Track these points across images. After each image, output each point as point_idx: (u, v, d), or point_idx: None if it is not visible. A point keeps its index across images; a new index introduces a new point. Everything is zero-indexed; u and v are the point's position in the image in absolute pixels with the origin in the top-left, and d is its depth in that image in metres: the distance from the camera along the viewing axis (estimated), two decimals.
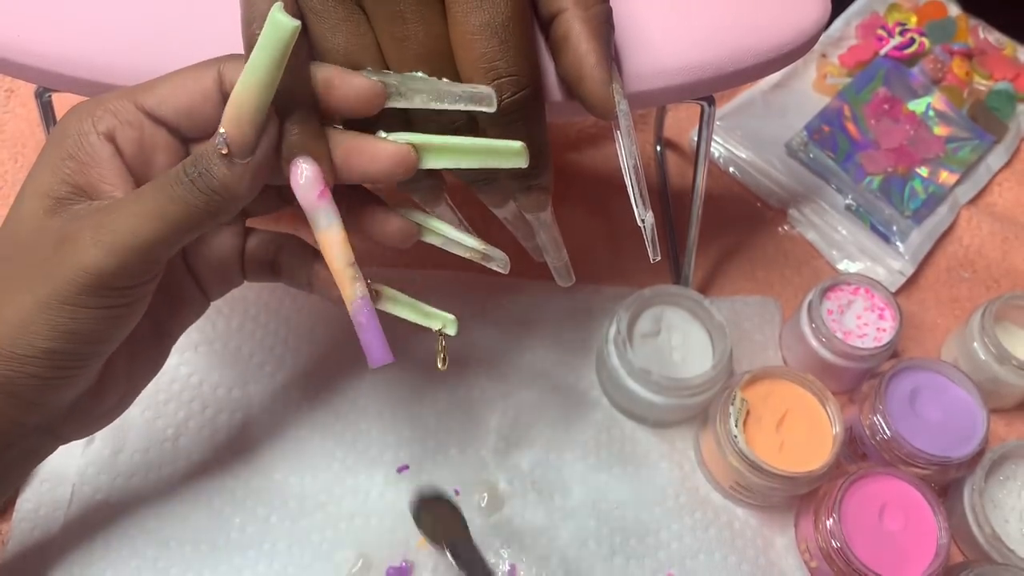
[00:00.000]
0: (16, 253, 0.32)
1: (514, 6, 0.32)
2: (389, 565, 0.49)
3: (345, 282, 0.34)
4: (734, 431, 0.50)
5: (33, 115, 0.65)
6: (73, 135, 0.32)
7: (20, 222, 0.32)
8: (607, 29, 0.35)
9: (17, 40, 0.38)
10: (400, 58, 0.33)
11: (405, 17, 0.32)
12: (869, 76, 0.73)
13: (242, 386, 0.54)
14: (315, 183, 0.32)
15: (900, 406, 0.53)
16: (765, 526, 0.53)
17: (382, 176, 0.33)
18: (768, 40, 0.42)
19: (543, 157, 0.36)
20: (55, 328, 0.31)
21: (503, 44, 0.32)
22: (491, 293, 0.59)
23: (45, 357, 0.31)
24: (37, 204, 0.31)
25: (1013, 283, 0.66)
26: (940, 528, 0.49)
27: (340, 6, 0.32)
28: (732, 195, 0.69)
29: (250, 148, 0.30)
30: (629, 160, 0.36)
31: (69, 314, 0.30)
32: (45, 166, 0.32)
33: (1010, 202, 0.70)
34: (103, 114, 0.32)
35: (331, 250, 0.33)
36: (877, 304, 0.57)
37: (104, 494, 0.49)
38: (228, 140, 0.30)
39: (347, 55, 0.33)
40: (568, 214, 0.62)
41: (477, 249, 0.37)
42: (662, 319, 0.56)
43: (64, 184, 0.31)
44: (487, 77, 0.32)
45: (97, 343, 0.32)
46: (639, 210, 0.37)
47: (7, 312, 0.31)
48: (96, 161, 0.32)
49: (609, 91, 0.34)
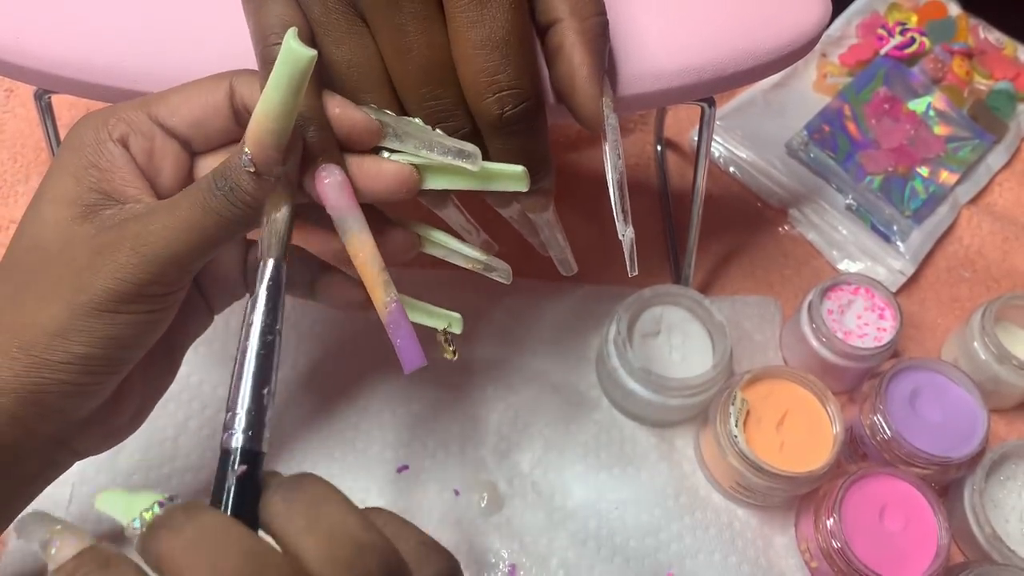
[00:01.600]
0: (45, 261, 0.32)
1: (515, 20, 0.32)
2: None
3: (378, 287, 0.34)
4: (734, 431, 0.50)
5: (33, 115, 0.65)
6: (91, 143, 0.33)
7: (44, 229, 0.32)
8: (601, 42, 0.35)
9: (17, 42, 0.38)
10: (402, 70, 0.33)
11: (407, 29, 0.32)
12: (869, 76, 0.72)
13: None
14: (343, 187, 0.32)
15: (900, 406, 0.53)
16: (765, 526, 0.53)
17: (384, 195, 0.34)
18: (768, 41, 0.42)
19: (545, 163, 0.36)
20: (92, 334, 0.31)
21: (504, 58, 0.32)
22: (491, 293, 0.59)
23: (80, 363, 0.31)
24: (64, 212, 0.32)
25: (1013, 283, 0.66)
26: (940, 528, 0.49)
27: (343, 19, 0.33)
28: (732, 195, 0.69)
29: (276, 167, 0.31)
30: (614, 174, 0.37)
31: (108, 320, 0.31)
32: (66, 174, 0.33)
33: (1010, 202, 0.70)
34: (117, 122, 0.33)
35: (363, 254, 0.33)
36: (877, 304, 0.57)
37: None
38: (253, 160, 0.30)
39: (350, 68, 0.33)
40: (569, 214, 0.62)
41: (479, 260, 0.38)
42: (662, 319, 0.56)
43: (92, 192, 0.32)
44: (489, 90, 0.32)
45: (131, 348, 0.33)
46: (620, 225, 0.37)
47: (42, 319, 0.31)
48: (116, 167, 0.33)
49: (599, 105, 0.35)
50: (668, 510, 0.52)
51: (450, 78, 0.33)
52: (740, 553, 0.52)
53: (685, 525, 0.52)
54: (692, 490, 0.53)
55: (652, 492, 0.53)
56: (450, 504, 0.51)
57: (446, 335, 0.39)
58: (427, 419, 0.54)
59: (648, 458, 0.54)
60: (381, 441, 0.53)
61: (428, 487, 0.52)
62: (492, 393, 0.55)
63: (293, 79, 0.29)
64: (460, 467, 0.53)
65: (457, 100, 0.33)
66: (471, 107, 0.33)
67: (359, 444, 0.53)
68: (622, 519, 0.52)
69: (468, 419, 0.54)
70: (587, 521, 0.52)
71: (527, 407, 0.55)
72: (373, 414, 0.54)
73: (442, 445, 0.53)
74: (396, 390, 0.55)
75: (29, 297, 0.32)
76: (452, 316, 0.39)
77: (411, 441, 0.53)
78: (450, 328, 0.39)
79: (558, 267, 0.46)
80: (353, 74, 0.33)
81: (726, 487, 0.52)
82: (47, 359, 0.31)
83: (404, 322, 0.34)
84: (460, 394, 0.55)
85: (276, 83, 0.29)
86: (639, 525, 0.52)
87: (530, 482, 0.53)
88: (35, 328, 0.31)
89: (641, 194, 0.67)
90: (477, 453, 0.53)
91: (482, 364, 0.56)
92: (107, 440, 0.37)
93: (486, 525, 0.51)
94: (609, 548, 0.51)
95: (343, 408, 0.54)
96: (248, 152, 0.30)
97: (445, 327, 0.39)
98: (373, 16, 0.32)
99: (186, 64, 0.38)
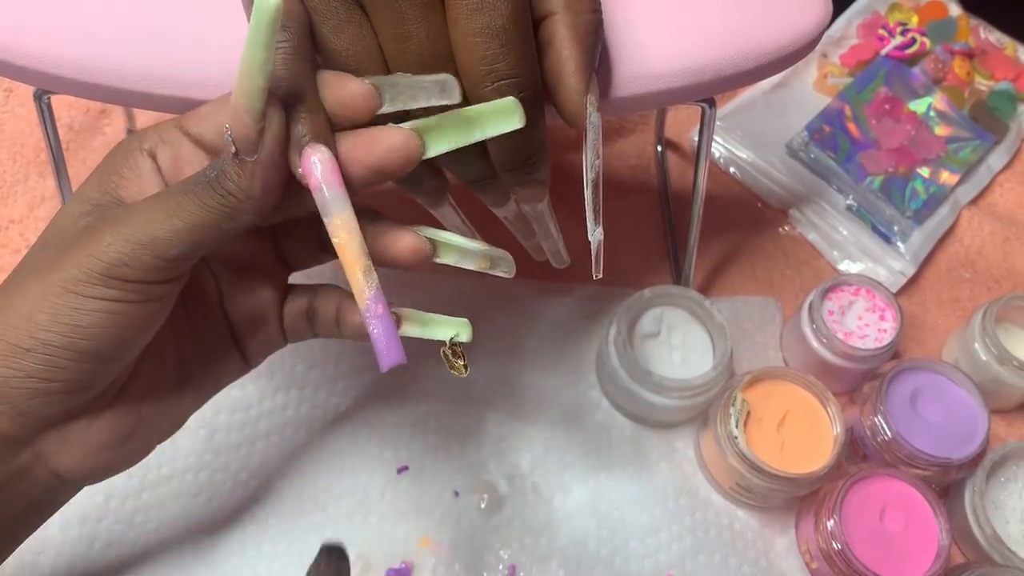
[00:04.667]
0: (43, 249, 0.33)
1: (514, 9, 0.32)
2: (388, 566, 0.49)
3: (358, 272, 0.32)
4: (735, 432, 0.50)
5: (32, 115, 0.65)
6: (122, 154, 0.33)
7: (55, 225, 0.33)
8: (592, 39, 0.35)
9: (17, 42, 0.38)
10: (401, 58, 0.33)
11: (406, 17, 0.32)
12: (870, 76, 0.72)
13: (241, 386, 0.54)
14: (326, 167, 0.31)
15: (901, 407, 0.53)
16: (766, 527, 0.53)
17: (386, 163, 0.32)
18: (769, 42, 0.42)
19: (541, 153, 0.36)
20: (56, 317, 0.30)
21: (503, 47, 0.32)
22: (491, 294, 0.59)
23: (43, 351, 0.31)
24: (76, 208, 0.33)
25: (1014, 283, 0.66)
26: (941, 529, 0.49)
27: (343, 7, 0.33)
28: (733, 195, 0.69)
29: (253, 141, 0.30)
30: (590, 173, 0.36)
31: (75, 304, 0.30)
32: (93, 179, 0.33)
33: (1011, 202, 0.70)
34: (150, 135, 0.33)
35: (343, 235, 0.31)
36: (878, 305, 0.57)
37: (102, 495, 0.49)
38: (232, 136, 0.30)
39: (349, 56, 0.33)
40: (568, 215, 0.62)
41: (486, 254, 0.36)
42: (662, 320, 0.56)
43: (105, 194, 0.33)
44: (488, 79, 0.32)
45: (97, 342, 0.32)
46: (591, 225, 0.37)
47: (16, 300, 0.31)
48: (138, 175, 0.33)
49: (582, 101, 0.34)
50: (668, 511, 0.52)
51: (448, 66, 0.33)
52: (740, 554, 0.52)
53: (685, 526, 0.52)
54: (692, 491, 0.53)
55: (652, 493, 0.53)
56: (450, 504, 0.51)
57: (453, 347, 0.35)
58: (427, 419, 0.54)
59: (648, 459, 0.54)
60: (381, 441, 0.53)
61: (428, 487, 0.52)
62: (492, 393, 0.55)
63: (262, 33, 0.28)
64: (460, 467, 0.53)
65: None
66: (469, 95, 0.33)
67: (359, 444, 0.53)
68: (622, 519, 0.52)
69: (468, 419, 0.54)
70: (587, 521, 0.51)
71: (527, 407, 0.55)
72: (373, 414, 0.54)
73: (442, 445, 0.53)
74: (396, 390, 0.55)
75: (17, 281, 0.32)
76: (459, 323, 0.35)
77: (411, 441, 0.53)
78: (457, 337, 0.35)
79: (551, 260, 0.46)
80: (352, 62, 0.33)
81: (726, 488, 0.52)
82: (15, 345, 0.31)
83: (383, 315, 0.32)
84: (460, 394, 0.55)
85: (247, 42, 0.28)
86: (639, 525, 0.52)
87: (530, 482, 0.53)
88: (9, 310, 0.31)
89: (641, 194, 0.67)
90: (477, 453, 0.53)
91: (482, 365, 0.56)
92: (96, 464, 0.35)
93: (486, 525, 0.51)
94: (609, 548, 0.51)
95: (343, 408, 0.54)
96: (228, 128, 0.30)
97: (452, 337, 0.35)
98: (373, 4, 0.32)
99: (186, 64, 0.38)
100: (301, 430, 0.53)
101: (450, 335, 0.35)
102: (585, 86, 0.34)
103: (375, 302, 0.32)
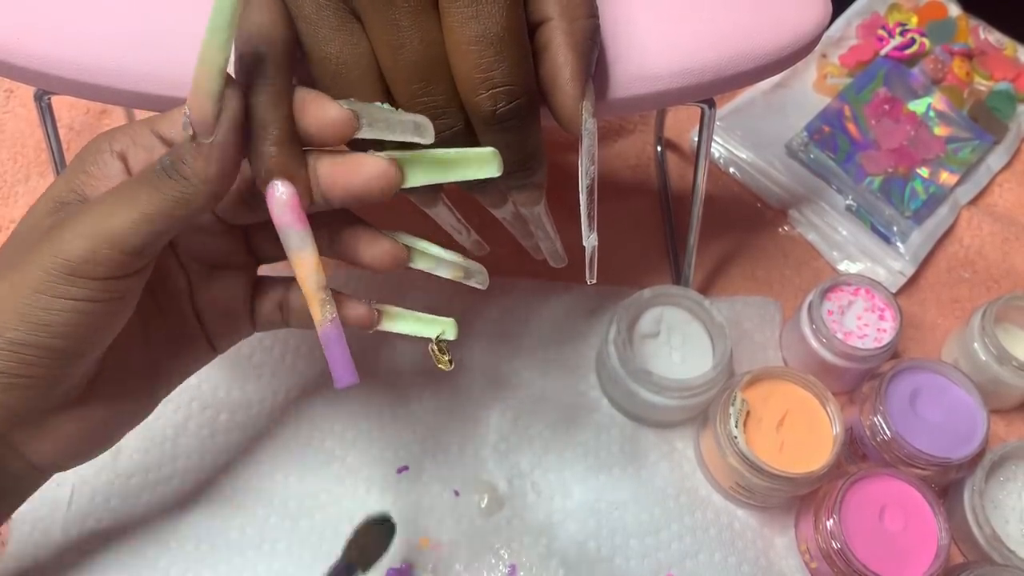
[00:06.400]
0: (13, 248, 0.33)
1: (509, 16, 0.32)
2: (388, 566, 0.49)
3: (315, 305, 0.34)
4: (734, 432, 0.50)
5: (33, 115, 0.65)
6: (92, 153, 0.33)
7: (26, 223, 0.33)
8: (589, 44, 0.35)
9: (17, 43, 0.38)
10: (395, 66, 0.33)
11: (400, 25, 0.32)
12: (869, 76, 0.72)
13: (241, 386, 0.54)
14: (288, 202, 0.32)
15: (900, 407, 0.53)
16: (765, 527, 0.53)
17: (365, 191, 0.33)
18: (768, 43, 0.42)
19: (537, 158, 0.36)
20: (25, 318, 0.31)
21: (498, 55, 0.32)
22: (490, 293, 0.59)
23: (11, 350, 0.31)
24: (44, 207, 0.33)
25: (1013, 283, 0.66)
26: (940, 529, 0.49)
27: (334, 15, 0.32)
28: (732, 195, 0.69)
29: (210, 123, 0.30)
30: (585, 179, 0.36)
31: (43, 304, 0.31)
32: (62, 177, 0.33)
33: (1010, 202, 0.70)
34: (120, 136, 0.33)
35: (303, 271, 0.33)
36: (877, 305, 0.57)
37: (103, 495, 0.49)
38: (190, 118, 0.30)
39: (340, 64, 0.33)
40: (568, 215, 0.62)
41: (460, 265, 0.37)
42: (662, 320, 0.56)
43: (72, 192, 0.33)
44: (483, 86, 0.32)
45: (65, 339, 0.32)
46: (585, 231, 0.37)
47: None
48: (106, 176, 0.33)
49: (578, 107, 0.34)
50: (668, 510, 0.52)
51: (443, 74, 0.33)
52: (740, 553, 0.52)
53: (685, 525, 0.52)
54: (692, 490, 0.53)
55: (652, 492, 0.53)
56: (450, 504, 0.51)
57: (439, 344, 0.38)
58: (427, 419, 0.54)
59: (648, 458, 0.54)
60: (381, 441, 0.53)
61: (428, 487, 0.52)
62: (492, 394, 0.55)
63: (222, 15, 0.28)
64: (460, 467, 0.53)
65: (450, 96, 0.33)
66: (464, 103, 0.33)
67: (359, 444, 0.53)
68: (622, 519, 0.52)
69: (468, 420, 0.54)
70: (587, 521, 0.52)
71: (527, 407, 0.55)
72: (373, 414, 0.54)
73: (442, 446, 0.53)
74: (396, 391, 0.55)
75: None
76: (444, 322, 0.38)
77: (411, 441, 0.53)
78: (443, 336, 0.38)
79: (549, 259, 0.46)
80: (343, 69, 0.33)
81: (726, 487, 0.52)
82: None
83: (337, 341, 0.35)
84: (460, 395, 0.55)
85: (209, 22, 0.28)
86: (639, 525, 0.52)
87: (530, 482, 0.53)
88: None
89: (641, 194, 0.67)
90: (477, 454, 0.53)
91: (482, 365, 0.56)
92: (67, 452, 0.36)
93: (486, 525, 0.51)
94: (609, 548, 0.51)
95: (343, 408, 0.54)
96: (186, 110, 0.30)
97: (438, 335, 0.38)
98: (366, 11, 0.32)
99: (186, 65, 0.38)
100: (301, 431, 0.53)
101: (437, 333, 0.38)
102: (581, 92, 0.35)
103: (332, 330, 0.34)
